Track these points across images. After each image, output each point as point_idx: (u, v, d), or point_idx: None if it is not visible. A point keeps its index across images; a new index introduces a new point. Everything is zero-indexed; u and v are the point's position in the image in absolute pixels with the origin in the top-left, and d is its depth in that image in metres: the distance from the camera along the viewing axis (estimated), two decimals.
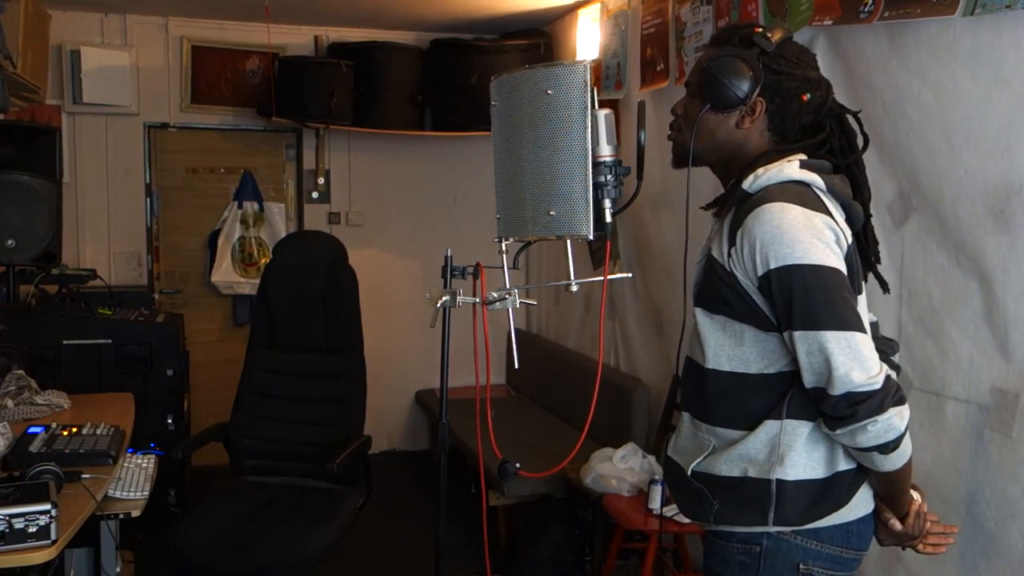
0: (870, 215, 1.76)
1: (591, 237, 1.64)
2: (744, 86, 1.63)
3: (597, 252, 4.40)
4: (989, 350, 2.29)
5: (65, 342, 4.01)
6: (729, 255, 1.60)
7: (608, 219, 1.66)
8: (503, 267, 1.84)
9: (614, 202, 1.67)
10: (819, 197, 1.61)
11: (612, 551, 3.51)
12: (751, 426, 1.64)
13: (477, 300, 1.89)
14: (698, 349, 1.72)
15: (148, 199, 5.26)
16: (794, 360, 1.58)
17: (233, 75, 5.32)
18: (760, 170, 1.63)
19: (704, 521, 1.71)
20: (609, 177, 1.65)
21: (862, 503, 1.67)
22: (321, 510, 3.14)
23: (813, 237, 1.54)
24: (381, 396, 4.83)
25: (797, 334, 1.53)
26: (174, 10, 5.05)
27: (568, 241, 1.71)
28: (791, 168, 1.62)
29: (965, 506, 2.36)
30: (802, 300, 1.52)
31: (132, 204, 5.21)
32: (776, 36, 1.65)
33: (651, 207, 4.08)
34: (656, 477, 3.42)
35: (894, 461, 1.55)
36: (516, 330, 1.85)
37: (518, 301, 1.83)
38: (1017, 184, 2.19)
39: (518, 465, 1.89)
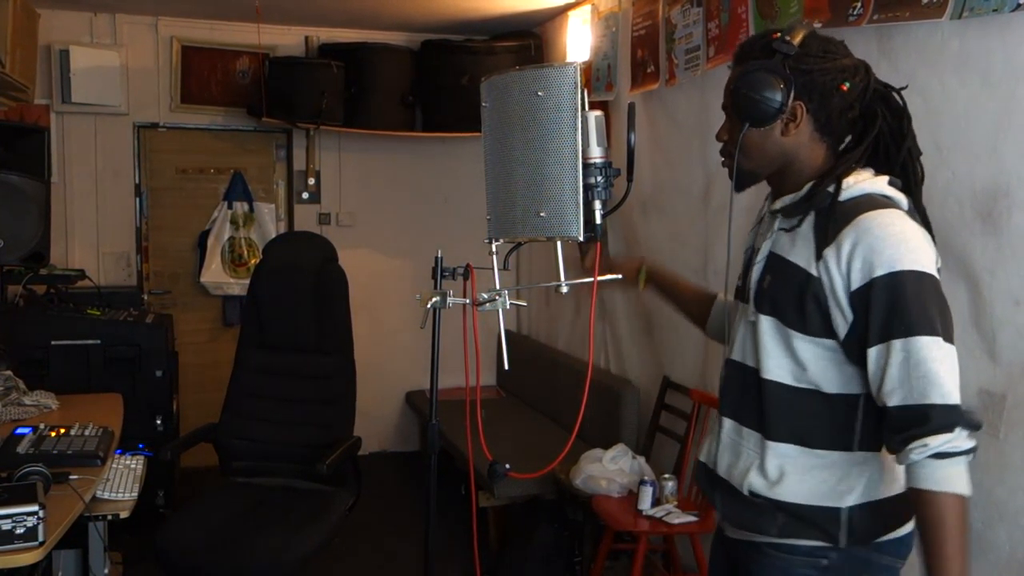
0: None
1: (581, 238, 1.63)
2: (777, 96, 1.59)
3: (587, 253, 4.40)
4: (976, 352, 2.31)
5: (53, 342, 3.99)
6: (819, 256, 1.56)
7: (598, 220, 1.65)
8: (493, 268, 1.84)
9: (604, 204, 1.66)
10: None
11: (602, 552, 3.51)
12: (807, 443, 1.62)
13: (467, 301, 1.89)
14: (752, 355, 1.69)
15: (137, 199, 5.24)
16: (864, 383, 1.56)
17: (223, 75, 5.31)
18: (850, 179, 1.60)
19: (765, 535, 1.67)
20: (599, 179, 1.64)
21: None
22: (310, 511, 3.14)
23: (928, 247, 1.54)
24: (371, 397, 4.82)
25: (898, 342, 1.48)
26: (164, 10, 5.04)
27: (558, 242, 1.71)
28: (881, 182, 1.60)
29: None
30: (916, 304, 1.48)
31: (121, 204, 5.19)
32: (797, 37, 1.61)
33: (641, 209, 4.09)
34: (646, 478, 3.42)
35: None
36: (506, 331, 1.85)
37: (508, 302, 1.83)
38: (1004, 187, 2.21)
39: (508, 466, 1.88)
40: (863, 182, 1.60)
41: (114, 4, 4.90)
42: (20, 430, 2.72)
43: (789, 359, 1.62)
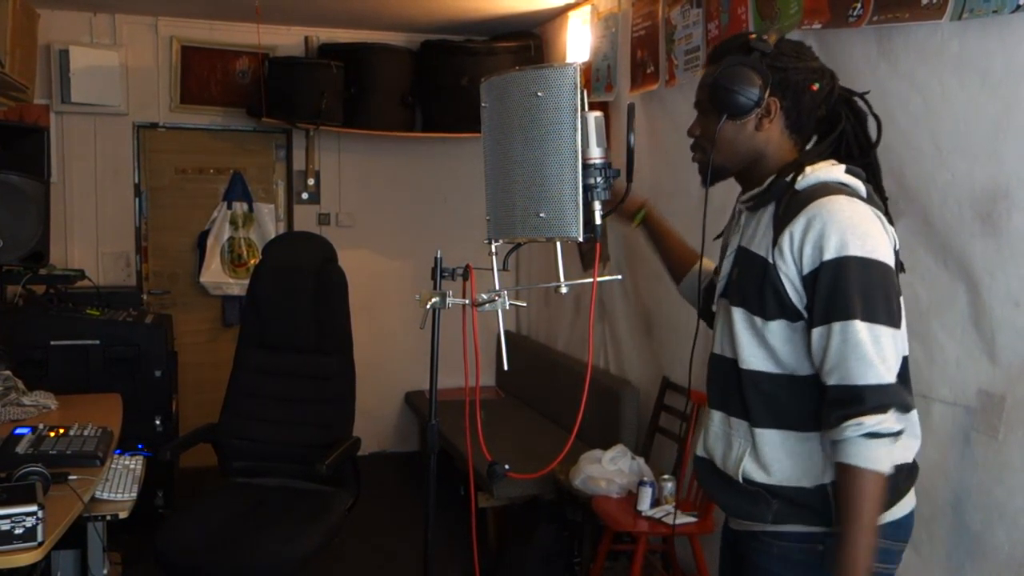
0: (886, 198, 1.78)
1: (581, 239, 1.63)
2: (754, 90, 1.66)
3: (587, 254, 4.41)
4: (975, 352, 2.31)
5: (53, 343, 3.99)
6: (775, 243, 1.63)
7: (598, 221, 1.66)
8: (493, 268, 1.84)
9: (604, 204, 1.67)
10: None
11: (601, 553, 3.51)
12: (789, 427, 1.67)
13: (467, 302, 1.89)
14: (729, 346, 1.75)
15: (137, 199, 5.24)
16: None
17: (223, 75, 5.31)
18: (808, 169, 1.67)
19: (760, 521, 1.72)
20: (599, 179, 1.64)
21: (912, 499, 1.73)
22: (310, 511, 3.14)
23: (879, 232, 1.60)
24: (370, 397, 4.82)
25: (837, 324, 1.55)
26: (164, 10, 5.04)
27: (558, 243, 1.71)
28: (838, 170, 1.67)
29: (951, 508, 2.37)
30: (858, 289, 1.55)
31: (121, 204, 5.19)
32: (772, 38, 1.70)
33: None
34: (645, 479, 3.42)
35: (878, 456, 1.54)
36: (506, 331, 1.85)
37: (508, 303, 1.83)
38: (1004, 188, 2.21)
39: (507, 467, 1.88)
40: (819, 170, 1.67)
41: (114, 4, 4.90)
42: (19, 430, 2.72)
43: (762, 347, 1.69)
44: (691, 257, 2.07)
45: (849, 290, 1.55)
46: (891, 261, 1.60)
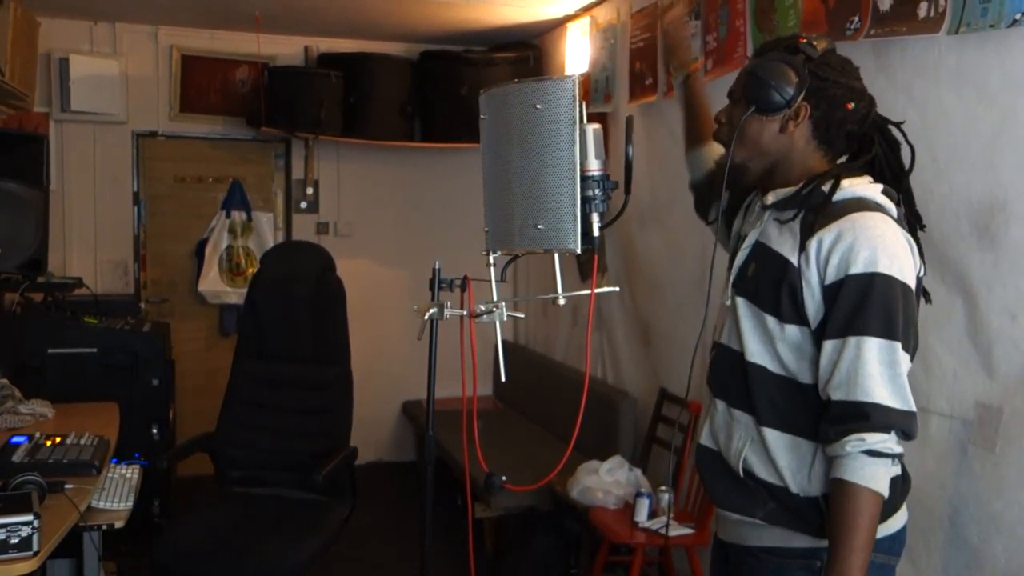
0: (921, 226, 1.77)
1: (579, 251, 1.63)
2: (789, 89, 1.64)
3: (585, 265, 4.41)
4: (973, 365, 2.31)
5: (50, 351, 3.98)
6: (802, 248, 1.61)
7: (596, 233, 1.65)
8: (491, 279, 1.84)
9: (602, 216, 1.67)
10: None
11: (598, 564, 3.51)
12: (796, 431, 1.66)
13: (465, 312, 1.89)
14: (736, 339, 1.74)
15: (136, 207, 5.25)
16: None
17: (223, 84, 5.33)
18: (846, 182, 1.65)
19: (750, 516, 1.71)
20: (597, 191, 1.64)
21: (904, 512, 1.72)
22: (307, 521, 3.13)
23: (908, 256, 1.59)
24: (368, 407, 4.81)
25: (853, 339, 1.54)
26: (164, 19, 5.05)
27: (556, 254, 1.71)
28: (875, 189, 1.66)
29: (949, 520, 2.37)
30: (881, 307, 1.54)
31: (119, 212, 5.19)
32: (821, 45, 1.68)
33: (639, 221, 4.10)
34: (642, 490, 3.42)
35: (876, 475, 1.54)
36: (503, 342, 1.85)
37: (506, 314, 1.83)
38: (1001, 200, 2.22)
39: (504, 478, 1.88)
40: (857, 186, 1.66)
41: (114, 13, 4.91)
42: (16, 439, 2.71)
43: (768, 345, 1.68)
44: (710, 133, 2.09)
45: (872, 306, 1.53)
46: (914, 286, 1.60)
